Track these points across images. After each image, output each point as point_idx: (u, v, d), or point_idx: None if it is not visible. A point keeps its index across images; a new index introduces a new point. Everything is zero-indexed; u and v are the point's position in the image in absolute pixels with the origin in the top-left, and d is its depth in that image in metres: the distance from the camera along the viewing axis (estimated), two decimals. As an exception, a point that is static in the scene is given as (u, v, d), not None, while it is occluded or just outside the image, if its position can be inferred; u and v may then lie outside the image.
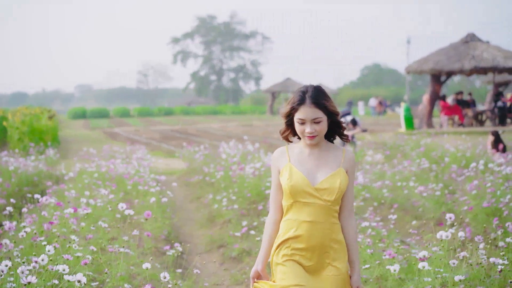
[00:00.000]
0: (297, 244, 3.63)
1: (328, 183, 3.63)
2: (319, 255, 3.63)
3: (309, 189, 3.63)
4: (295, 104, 3.67)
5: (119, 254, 5.54)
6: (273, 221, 3.78)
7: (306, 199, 3.63)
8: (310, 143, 3.69)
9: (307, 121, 3.64)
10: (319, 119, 3.64)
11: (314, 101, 3.63)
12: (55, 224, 6.04)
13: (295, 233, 3.63)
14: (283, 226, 3.71)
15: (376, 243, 6.13)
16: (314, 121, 3.63)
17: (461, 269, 4.97)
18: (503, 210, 7.52)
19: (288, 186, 3.64)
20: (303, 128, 3.66)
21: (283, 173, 3.70)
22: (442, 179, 11.31)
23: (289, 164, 3.71)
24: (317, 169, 3.69)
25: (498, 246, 5.91)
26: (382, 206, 9.74)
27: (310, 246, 3.62)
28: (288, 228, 3.66)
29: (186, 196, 12.62)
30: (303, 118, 3.64)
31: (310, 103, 3.63)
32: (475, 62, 26.15)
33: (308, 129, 3.64)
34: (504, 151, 13.20)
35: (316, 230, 3.62)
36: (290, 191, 3.64)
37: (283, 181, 3.68)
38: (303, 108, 3.64)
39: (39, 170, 13.04)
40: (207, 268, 7.59)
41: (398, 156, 14.63)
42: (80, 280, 3.91)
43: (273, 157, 3.81)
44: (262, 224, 8.39)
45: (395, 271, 4.74)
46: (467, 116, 27.38)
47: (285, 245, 3.66)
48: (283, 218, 3.73)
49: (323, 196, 3.62)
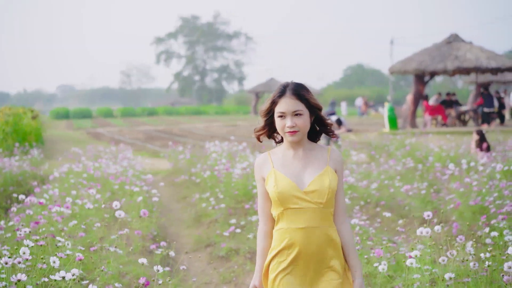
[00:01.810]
0: (292, 255, 3.42)
1: (317, 185, 3.43)
2: (317, 262, 3.44)
3: (298, 193, 3.42)
4: (275, 97, 3.49)
5: (108, 253, 5.53)
6: (264, 233, 3.57)
7: (296, 204, 3.42)
8: (291, 139, 3.48)
9: (287, 114, 3.44)
10: (300, 111, 3.44)
11: (294, 93, 3.46)
12: (42, 223, 6.01)
13: (289, 242, 3.43)
14: (275, 237, 3.50)
15: (364, 240, 6.16)
16: (295, 113, 3.44)
17: (449, 265, 5.01)
18: (489, 208, 7.58)
19: (275, 194, 3.44)
20: (283, 123, 3.46)
21: (269, 180, 3.50)
22: (427, 178, 11.40)
23: (273, 170, 3.51)
24: (303, 171, 3.49)
25: (485, 244, 5.96)
26: (368, 205, 9.79)
27: (306, 255, 3.42)
28: (282, 238, 3.45)
29: (172, 196, 12.59)
30: (283, 111, 3.45)
31: (290, 95, 3.46)
32: (458, 62, 26.34)
33: (288, 122, 3.44)
34: (488, 150, 13.29)
35: (312, 236, 3.42)
36: (279, 198, 3.43)
37: (270, 189, 3.47)
38: (283, 100, 3.47)
39: (23, 170, 12.96)
40: (195, 267, 7.59)
41: (383, 156, 14.69)
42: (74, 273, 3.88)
43: (256, 165, 3.60)
44: (250, 223, 8.41)
45: (383, 270, 4.78)
46: (450, 116, 27.57)
47: (280, 258, 3.46)
48: (275, 228, 3.52)
49: (314, 199, 3.42)
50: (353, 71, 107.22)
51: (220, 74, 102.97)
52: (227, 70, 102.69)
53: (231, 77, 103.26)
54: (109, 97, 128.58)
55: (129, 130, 36.28)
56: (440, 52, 27.05)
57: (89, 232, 6.58)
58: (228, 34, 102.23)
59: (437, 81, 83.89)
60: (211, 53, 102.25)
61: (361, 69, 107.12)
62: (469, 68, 26.40)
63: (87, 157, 14.65)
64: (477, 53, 26.68)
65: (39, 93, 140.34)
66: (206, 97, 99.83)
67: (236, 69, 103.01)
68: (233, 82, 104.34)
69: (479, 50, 26.95)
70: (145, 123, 45.37)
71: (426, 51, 27.68)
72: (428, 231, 4.92)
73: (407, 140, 16.66)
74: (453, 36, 27.89)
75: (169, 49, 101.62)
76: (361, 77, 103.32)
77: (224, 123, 42.87)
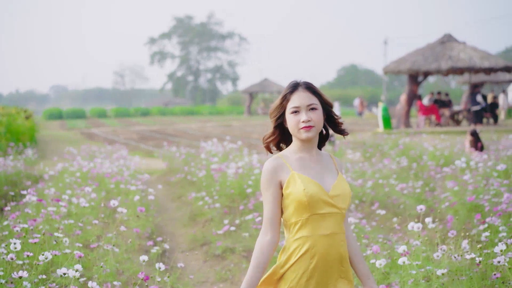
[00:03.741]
0: (313, 264, 3.16)
1: (339, 189, 3.24)
2: (335, 271, 3.23)
3: (326, 197, 3.19)
4: (287, 93, 3.27)
5: (106, 251, 5.54)
6: (270, 245, 3.21)
7: (322, 209, 3.18)
8: (306, 136, 3.22)
9: (302, 108, 3.22)
10: (314, 105, 3.23)
11: (307, 87, 3.27)
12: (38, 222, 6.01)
13: (312, 250, 3.16)
14: (294, 246, 3.20)
15: (360, 237, 6.19)
16: (310, 107, 3.22)
17: (443, 262, 5.04)
18: (484, 206, 7.61)
19: (306, 197, 3.14)
20: (297, 118, 3.22)
21: (291, 184, 3.19)
22: (422, 177, 11.44)
23: (295, 173, 3.21)
24: (323, 175, 3.27)
25: (480, 241, 6.00)
26: (363, 204, 9.81)
27: (325, 264, 3.18)
28: (301, 247, 3.17)
29: (167, 196, 12.59)
30: (297, 105, 3.22)
31: (303, 89, 3.26)
32: (452, 62, 26.42)
33: (304, 117, 3.20)
34: (482, 150, 13.36)
35: (334, 243, 3.21)
36: (309, 203, 3.15)
37: (297, 193, 3.16)
38: (296, 95, 3.25)
39: (18, 170, 12.93)
40: (191, 265, 7.60)
41: (377, 155, 14.73)
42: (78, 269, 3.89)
43: (270, 169, 3.24)
44: (245, 222, 8.41)
45: (380, 265, 4.80)
46: (444, 116, 27.66)
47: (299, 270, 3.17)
48: (294, 237, 3.20)
49: (338, 204, 3.22)
50: (346, 71, 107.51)
51: (214, 75, 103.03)
52: (220, 70, 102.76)
53: (224, 77, 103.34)
54: (103, 97, 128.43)
55: (123, 130, 36.25)
56: (434, 52, 27.13)
57: (85, 231, 6.59)
58: (222, 35, 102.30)
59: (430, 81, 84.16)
60: (205, 53, 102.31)
61: (355, 70, 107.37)
62: (463, 68, 26.49)
63: (82, 156, 14.64)
64: (471, 53, 26.78)
65: (32, 93, 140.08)
66: (200, 98, 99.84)
67: (229, 69, 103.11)
68: (227, 82, 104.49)
69: (472, 50, 27.05)
70: (139, 124, 45.33)
71: (420, 51, 27.78)
72: (419, 226, 4.94)
73: (400, 139, 16.71)
74: (447, 36, 27.99)
75: (163, 50, 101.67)
76: (355, 77, 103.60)
77: (218, 123, 42.87)
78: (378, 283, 5.32)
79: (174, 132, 32.96)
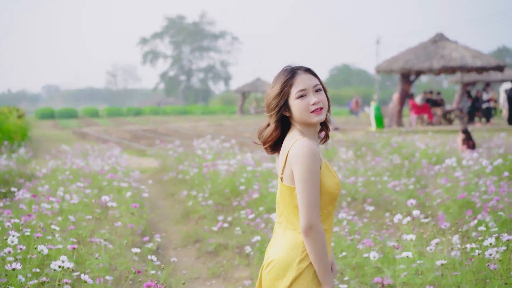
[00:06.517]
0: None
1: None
2: None
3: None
4: (287, 78, 3.06)
5: (98, 246, 5.55)
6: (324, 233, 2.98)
7: (335, 204, 3.08)
8: (317, 119, 3.03)
9: (309, 90, 3.03)
10: (319, 86, 3.06)
11: (307, 69, 3.09)
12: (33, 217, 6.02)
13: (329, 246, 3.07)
14: None
15: (353, 232, 6.23)
16: (316, 88, 3.05)
17: (435, 256, 5.07)
18: (476, 202, 7.66)
19: (338, 191, 3.03)
20: (306, 102, 3.01)
21: (324, 173, 3.00)
22: (414, 175, 11.49)
23: (327, 163, 3.04)
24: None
25: (471, 237, 6.05)
26: (355, 202, 9.85)
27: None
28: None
29: (160, 193, 12.59)
30: (304, 88, 3.02)
31: (304, 72, 3.07)
32: (444, 61, 26.50)
33: (313, 98, 3.01)
34: (473, 148, 13.43)
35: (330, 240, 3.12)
36: (336, 195, 3.03)
37: (331, 185, 3.01)
38: (298, 78, 3.05)
39: (10, 169, 12.91)
40: (184, 261, 7.62)
41: (370, 154, 14.78)
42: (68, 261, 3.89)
43: (315, 151, 2.96)
44: (238, 219, 8.43)
45: (374, 257, 4.82)
46: (436, 115, 27.74)
47: None
48: None
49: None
50: (339, 71, 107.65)
51: (206, 74, 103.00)
52: (213, 70, 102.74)
53: (217, 77, 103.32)
54: (95, 97, 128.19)
55: (115, 129, 36.19)
56: (426, 51, 27.21)
57: (78, 227, 6.59)
58: (214, 34, 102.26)
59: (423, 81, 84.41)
60: (197, 53, 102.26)
61: (347, 69, 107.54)
62: (455, 67, 26.57)
63: (75, 154, 14.63)
64: (463, 52, 26.86)
65: (24, 93, 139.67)
66: (192, 97, 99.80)
67: (222, 69, 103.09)
68: (219, 82, 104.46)
69: (464, 49, 27.13)
70: (131, 123, 45.28)
71: (412, 50, 27.83)
72: (408, 219, 4.97)
73: (393, 138, 16.76)
74: (439, 35, 28.07)
75: (155, 49, 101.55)
76: (347, 77, 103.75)
77: (211, 122, 42.86)
78: (371, 276, 5.36)
79: (166, 131, 32.94)
